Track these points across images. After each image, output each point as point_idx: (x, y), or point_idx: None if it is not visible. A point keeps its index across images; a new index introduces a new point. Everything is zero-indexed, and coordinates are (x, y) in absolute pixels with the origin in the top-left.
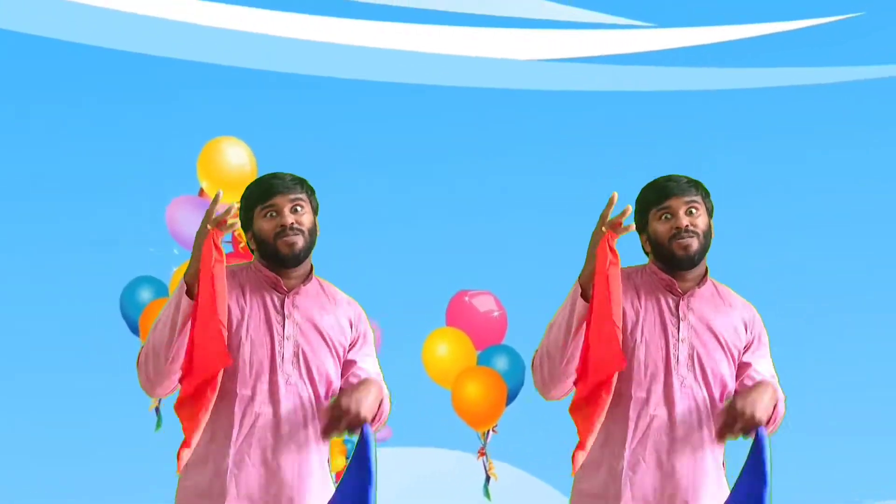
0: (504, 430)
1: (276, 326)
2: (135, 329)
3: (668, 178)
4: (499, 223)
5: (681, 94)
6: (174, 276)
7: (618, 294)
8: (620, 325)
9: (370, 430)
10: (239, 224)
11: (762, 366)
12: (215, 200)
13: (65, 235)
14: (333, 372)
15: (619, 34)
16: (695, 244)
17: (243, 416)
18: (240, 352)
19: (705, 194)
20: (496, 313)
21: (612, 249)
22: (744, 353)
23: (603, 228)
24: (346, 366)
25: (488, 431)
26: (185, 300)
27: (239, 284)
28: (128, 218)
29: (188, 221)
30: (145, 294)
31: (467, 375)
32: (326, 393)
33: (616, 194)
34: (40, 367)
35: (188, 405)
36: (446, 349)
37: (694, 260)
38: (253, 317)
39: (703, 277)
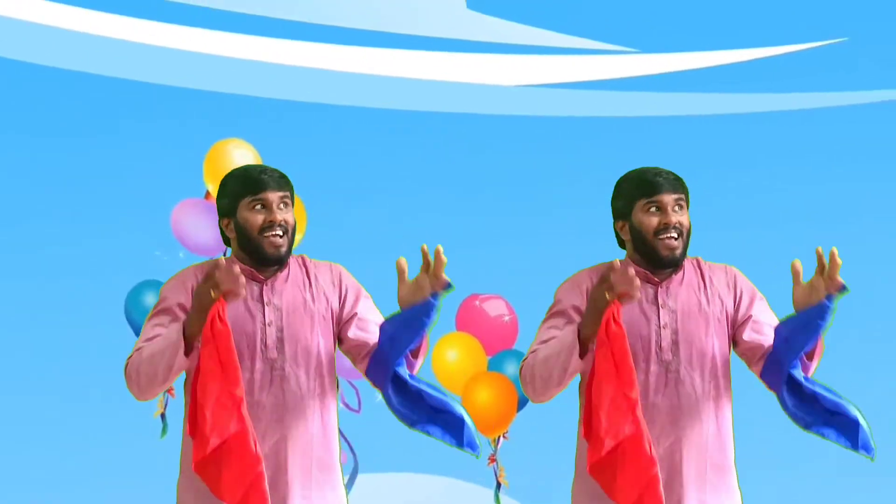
0: (515, 436)
1: (257, 315)
2: (139, 333)
3: (657, 173)
4: (509, 225)
5: (664, 119)
6: None
7: (629, 363)
8: (636, 396)
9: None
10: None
11: (767, 317)
12: (228, 269)
13: (69, 238)
14: (324, 346)
15: (603, 59)
16: (680, 246)
17: None
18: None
19: (687, 191)
20: (507, 318)
21: (616, 321)
22: (738, 313)
23: (607, 296)
24: (350, 322)
25: (499, 437)
26: (181, 357)
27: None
28: (132, 221)
29: (194, 224)
30: (150, 298)
31: (478, 381)
32: (321, 369)
33: (618, 261)
34: (42, 371)
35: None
36: (456, 354)
37: (678, 261)
38: (230, 312)
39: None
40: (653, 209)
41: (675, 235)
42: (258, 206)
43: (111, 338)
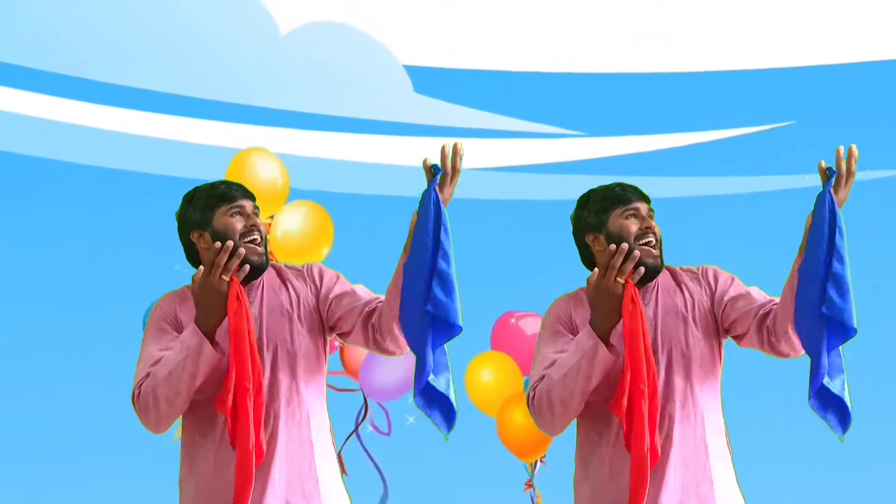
0: (552, 461)
1: None
2: None
3: (625, 186)
4: (545, 243)
5: None
6: None
7: (647, 340)
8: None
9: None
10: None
11: (747, 289)
12: (225, 249)
13: (87, 252)
14: (307, 348)
15: (549, 143)
16: (659, 256)
17: (213, 424)
18: None
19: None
20: None
21: (635, 301)
22: (714, 303)
23: (618, 279)
24: (333, 302)
25: (536, 462)
26: (209, 353)
27: (193, 303)
28: (152, 233)
29: None
30: None
31: (514, 403)
32: (305, 370)
33: (622, 246)
34: (59, 386)
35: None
36: (491, 375)
37: (659, 269)
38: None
39: None
40: (631, 215)
41: (654, 241)
42: (236, 213)
43: (130, 353)
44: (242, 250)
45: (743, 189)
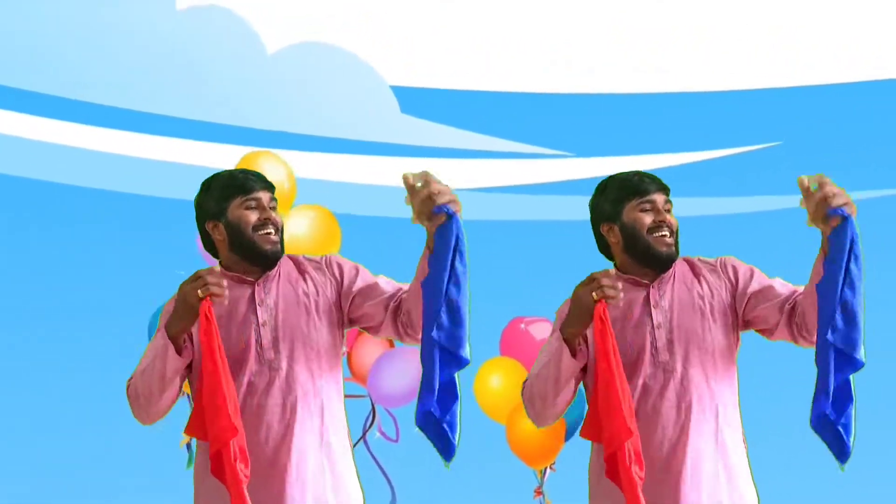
0: (562, 467)
1: (250, 317)
2: None
3: (643, 176)
4: (531, 263)
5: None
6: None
7: (618, 358)
8: (627, 392)
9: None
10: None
11: (770, 282)
12: (215, 272)
13: (94, 257)
14: (323, 339)
15: (537, 163)
16: (673, 245)
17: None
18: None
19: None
20: None
21: (604, 320)
22: (735, 297)
23: (594, 295)
24: (355, 297)
25: (545, 469)
26: (173, 356)
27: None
28: (157, 237)
29: None
30: None
31: (523, 409)
32: (321, 362)
33: (612, 271)
34: (63, 394)
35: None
36: (500, 381)
37: (674, 258)
38: (222, 321)
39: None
40: (646, 207)
41: (669, 233)
42: (251, 205)
43: (134, 359)
44: (225, 283)
45: (729, 210)
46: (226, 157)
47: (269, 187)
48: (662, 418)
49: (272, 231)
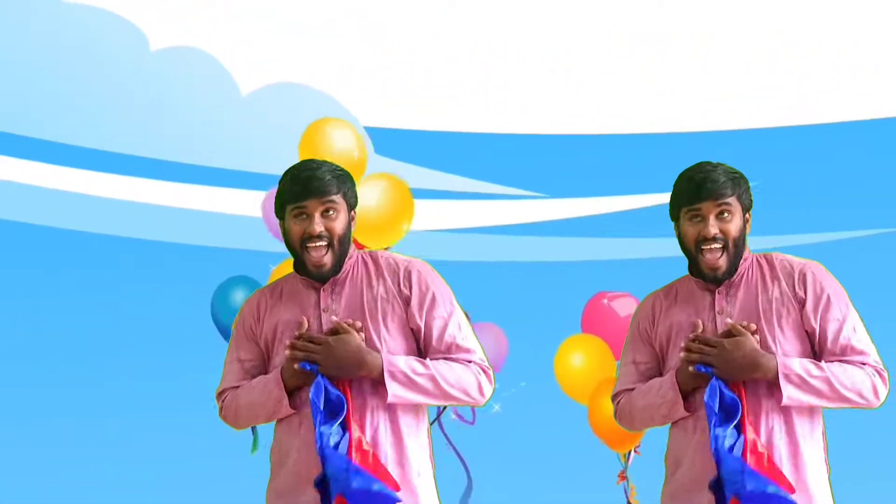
0: (648, 450)
1: (314, 323)
2: (227, 335)
3: (705, 176)
4: (527, 287)
5: (571, 265)
6: (273, 275)
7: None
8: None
9: (321, 381)
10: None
11: (834, 329)
12: (292, 346)
13: (65, 296)
14: (398, 341)
15: (511, 204)
16: (723, 263)
17: (289, 420)
18: (278, 362)
19: (742, 190)
20: None
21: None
22: (808, 316)
23: (690, 368)
24: (416, 332)
25: (629, 452)
26: (286, 409)
27: (278, 296)
28: (129, 277)
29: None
30: (239, 296)
31: (606, 388)
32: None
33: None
34: (126, 374)
35: None
36: (582, 359)
37: (720, 279)
38: (288, 325)
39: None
40: (695, 218)
41: (719, 247)
42: (301, 216)
43: (197, 338)
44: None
45: None
46: (201, 198)
47: (326, 190)
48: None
49: (321, 244)
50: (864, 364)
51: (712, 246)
